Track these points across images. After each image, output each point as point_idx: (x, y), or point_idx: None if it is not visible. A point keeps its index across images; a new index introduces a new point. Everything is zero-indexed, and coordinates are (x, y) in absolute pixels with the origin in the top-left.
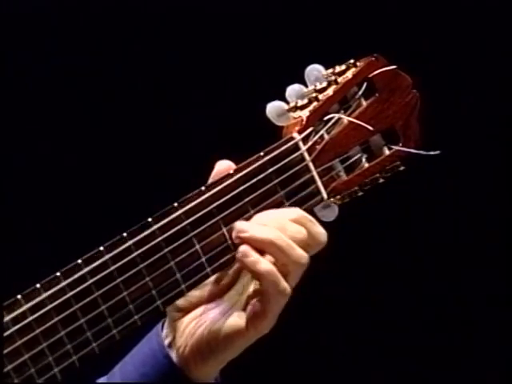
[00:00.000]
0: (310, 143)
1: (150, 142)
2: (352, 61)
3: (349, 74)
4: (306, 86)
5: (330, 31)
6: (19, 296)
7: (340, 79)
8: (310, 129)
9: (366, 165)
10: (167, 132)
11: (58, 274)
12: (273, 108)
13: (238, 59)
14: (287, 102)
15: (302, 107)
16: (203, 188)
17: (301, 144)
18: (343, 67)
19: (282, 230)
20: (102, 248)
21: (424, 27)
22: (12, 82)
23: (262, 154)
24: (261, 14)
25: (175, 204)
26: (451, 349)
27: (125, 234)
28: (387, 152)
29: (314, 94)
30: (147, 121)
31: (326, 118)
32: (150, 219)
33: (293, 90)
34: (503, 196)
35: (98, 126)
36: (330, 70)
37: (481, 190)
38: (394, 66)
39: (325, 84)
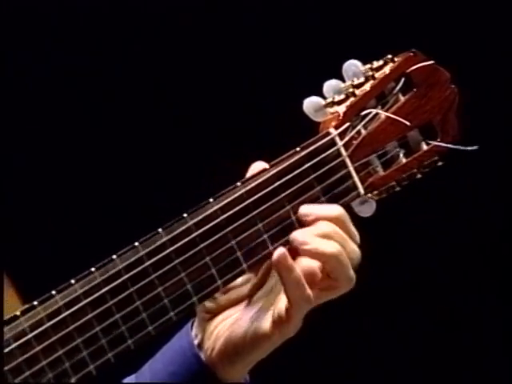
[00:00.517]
0: (346, 138)
1: (152, 142)
2: (390, 56)
3: (386, 70)
4: (344, 81)
5: (368, 26)
6: (54, 291)
7: (377, 74)
8: (347, 124)
9: (404, 160)
10: (170, 132)
11: (93, 269)
12: (310, 103)
13: (275, 55)
14: (324, 98)
15: (339, 102)
16: (239, 183)
17: (337, 139)
18: (381, 62)
19: (343, 245)
20: (137, 243)
21: (463, 22)
22: (12, 81)
23: (298, 149)
24: (300, 9)
25: (211, 199)
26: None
27: (160, 230)
28: (425, 147)
29: (351, 90)
30: (148, 120)
31: (363, 114)
32: (185, 214)
33: (330, 85)
34: None
35: (98, 125)
36: (368, 66)
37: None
38: (431, 61)
39: (362, 79)
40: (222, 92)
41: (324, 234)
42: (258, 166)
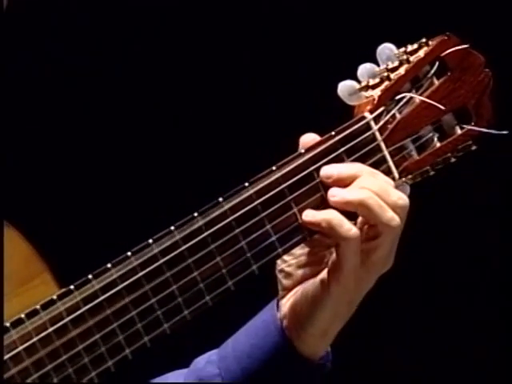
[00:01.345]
0: (381, 122)
1: (152, 142)
2: (424, 40)
3: (421, 53)
4: (378, 65)
5: (403, 10)
6: (90, 276)
7: (412, 58)
8: (382, 108)
9: (438, 144)
10: (171, 132)
11: (129, 253)
12: (344, 87)
13: (311, 40)
14: (359, 82)
15: (374, 86)
16: (274, 168)
17: (372, 123)
18: (415, 46)
19: (384, 191)
20: (172, 228)
21: (498, 5)
22: (12, 81)
23: (333, 133)
24: None
25: (246, 184)
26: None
27: (196, 214)
28: (459, 131)
29: (385, 73)
30: (148, 120)
31: (397, 98)
32: (220, 199)
33: (364, 69)
34: None
35: (98, 125)
36: (402, 49)
37: None
38: (466, 45)
39: (396, 63)
40: (255, 77)
41: (359, 185)
42: (308, 137)
